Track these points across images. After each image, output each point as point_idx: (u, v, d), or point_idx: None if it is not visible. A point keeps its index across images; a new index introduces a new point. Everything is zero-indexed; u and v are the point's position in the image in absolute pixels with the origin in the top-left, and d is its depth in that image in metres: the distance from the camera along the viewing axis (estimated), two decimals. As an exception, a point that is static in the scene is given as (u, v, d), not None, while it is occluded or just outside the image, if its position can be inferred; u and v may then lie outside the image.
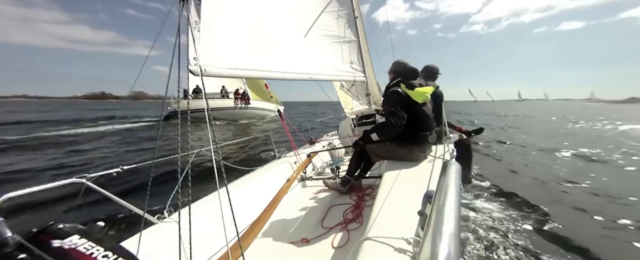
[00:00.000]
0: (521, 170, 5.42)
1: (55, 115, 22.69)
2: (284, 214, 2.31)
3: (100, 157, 6.38)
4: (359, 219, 2.07)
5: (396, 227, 1.15)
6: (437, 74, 3.28)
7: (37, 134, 10.17)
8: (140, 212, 1.45)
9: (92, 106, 64.66)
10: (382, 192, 1.58)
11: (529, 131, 12.34)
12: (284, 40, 2.61)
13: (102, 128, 12.75)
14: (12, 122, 15.88)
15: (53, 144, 8.18)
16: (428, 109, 2.32)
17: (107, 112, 31.70)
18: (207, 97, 5.99)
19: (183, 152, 1.25)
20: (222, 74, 1.81)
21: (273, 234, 2.03)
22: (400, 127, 2.10)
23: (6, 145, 7.68)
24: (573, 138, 9.87)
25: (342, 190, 2.62)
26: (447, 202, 0.68)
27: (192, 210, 1.75)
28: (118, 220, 2.79)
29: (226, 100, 15.57)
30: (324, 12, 3.23)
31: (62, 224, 0.88)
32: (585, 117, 21.44)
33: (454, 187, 0.77)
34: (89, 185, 1.42)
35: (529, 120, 18.61)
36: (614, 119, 18.31)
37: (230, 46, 1.96)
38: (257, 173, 2.73)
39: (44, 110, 35.61)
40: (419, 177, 1.87)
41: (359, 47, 3.76)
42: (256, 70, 2.16)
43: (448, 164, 0.91)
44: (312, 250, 1.78)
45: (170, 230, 1.63)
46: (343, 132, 4.89)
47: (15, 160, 5.85)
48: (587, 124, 15.38)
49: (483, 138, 8.81)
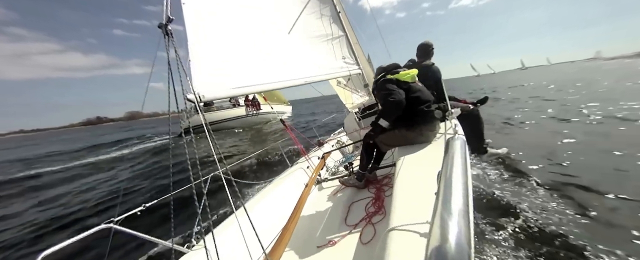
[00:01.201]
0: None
1: (65, 147, 22.38)
2: (306, 221, 2.32)
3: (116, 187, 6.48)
4: (381, 211, 2.07)
5: (418, 212, 1.14)
6: (431, 49, 3.25)
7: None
8: (169, 245, 1.48)
9: (94, 131, 64.47)
10: (399, 180, 1.57)
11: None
12: (273, 50, 2.63)
13: (114, 154, 12.91)
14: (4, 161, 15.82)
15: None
16: (419, 86, 2.34)
17: (113, 135, 31.70)
18: (219, 107, 5.98)
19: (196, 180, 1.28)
20: (220, 96, 1.84)
21: (300, 242, 2.04)
22: (401, 102, 2.10)
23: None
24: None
25: (359, 186, 2.61)
26: (453, 179, 0.67)
27: (218, 233, 1.78)
28: (150, 257, 2.85)
29: (238, 109, 16.10)
30: (306, 14, 3.24)
31: None
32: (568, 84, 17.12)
33: (460, 163, 0.75)
34: (116, 229, 1.46)
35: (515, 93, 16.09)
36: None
37: (222, 68, 1.99)
38: (273, 185, 2.75)
39: (46, 142, 36.02)
40: (431, 157, 1.86)
41: (348, 41, 3.76)
42: (252, 86, 2.19)
43: (451, 141, 0.90)
44: (342, 251, 1.78)
45: (200, 257, 1.66)
46: (349, 128, 4.88)
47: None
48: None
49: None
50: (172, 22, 1.37)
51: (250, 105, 16.43)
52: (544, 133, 5.71)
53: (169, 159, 1.46)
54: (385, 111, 2.23)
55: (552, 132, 5.56)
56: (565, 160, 3.83)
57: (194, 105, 1.50)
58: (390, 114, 2.20)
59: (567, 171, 3.48)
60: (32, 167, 11.53)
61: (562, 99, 10.07)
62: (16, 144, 50.96)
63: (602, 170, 3.38)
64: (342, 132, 5.07)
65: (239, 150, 9.67)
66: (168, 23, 1.35)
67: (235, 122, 15.68)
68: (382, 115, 2.25)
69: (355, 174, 2.67)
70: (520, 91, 16.80)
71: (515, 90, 17.68)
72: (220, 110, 15.63)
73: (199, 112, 1.33)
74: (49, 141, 34.41)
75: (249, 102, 16.48)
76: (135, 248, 3.00)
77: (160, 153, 10.62)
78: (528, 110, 8.82)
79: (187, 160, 1.18)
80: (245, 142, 11.61)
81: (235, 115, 15.80)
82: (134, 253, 2.94)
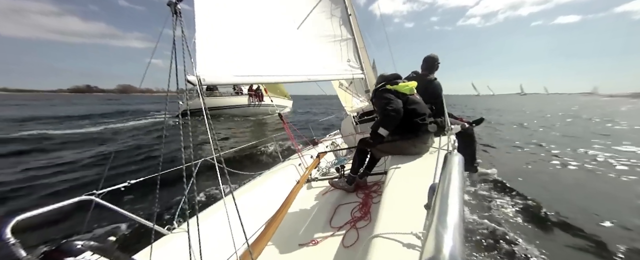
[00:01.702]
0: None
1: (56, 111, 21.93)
2: (292, 217, 2.31)
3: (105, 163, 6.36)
4: (367, 217, 2.07)
5: (404, 222, 1.15)
6: (437, 63, 3.27)
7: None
8: (150, 225, 1.47)
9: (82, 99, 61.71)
10: (388, 188, 1.58)
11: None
12: (280, 43, 2.61)
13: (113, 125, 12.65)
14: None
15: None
16: (417, 98, 2.37)
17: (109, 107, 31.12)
18: (220, 93, 5.94)
19: (187, 163, 1.26)
20: (221, 81, 1.82)
21: (283, 238, 2.04)
22: (399, 112, 2.15)
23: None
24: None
25: (349, 189, 2.62)
26: (450, 193, 0.67)
27: (202, 218, 1.76)
28: (129, 234, 2.81)
29: (241, 98, 16.07)
30: (317, 13, 3.23)
31: (75, 242, 0.89)
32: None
33: (457, 179, 0.76)
34: (98, 202, 1.44)
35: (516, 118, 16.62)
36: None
37: (227, 53, 1.97)
38: (264, 177, 2.74)
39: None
40: (423, 170, 1.87)
41: (355, 45, 3.75)
42: (255, 76, 2.16)
43: (449, 156, 0.91)
44: (323, 251, 1.78)
45: (181, 240, 1.64)
46: (345, 131, 4.89)
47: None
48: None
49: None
50: (182, 1, 1.35)
51: (253, 96, 16.37)
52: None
53: (161, 139, 1.44)
54: (385, 120, 2.24)
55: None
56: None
57: (195, 88, 1.49)
58: (389, 123, 2.22)
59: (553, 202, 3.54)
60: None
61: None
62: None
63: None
64: (337, 134, 5.07)
65: (235, 139, 9.62)
66: (178, 1, 1.33)
67: (236, 110, 15.67)
68: (381, 124, 2.27)
69: (346, 177, 2.67)
70: (525, 117, 16.97)
71: (522, 116, 17.88)
72: (223, 97, 15.66)
73: (200, 95, 1.31)
74: (36, 106, 33.36)
75: (252, 92, 16.40)
76: (115, 225, 2.95)
77: (153, 132, 10.49)
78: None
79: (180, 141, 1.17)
80: (242, 131, 11.60)
81: (237, 104, 15.78)
82: (114, 230, 2.90)
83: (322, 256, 1.74)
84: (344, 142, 4.69)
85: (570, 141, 7.90)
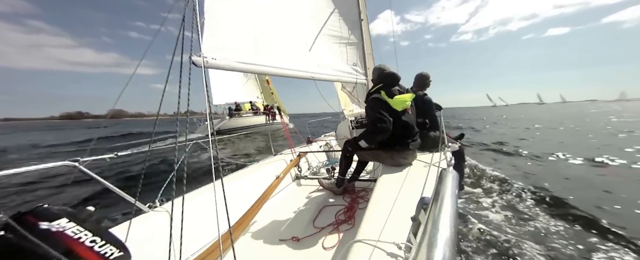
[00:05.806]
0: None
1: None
2: (276, 212, 2.30)
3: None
4: (351, 221, 2.07)
5: (387, 231, 1.15)
6: (428, 81, 3.27)
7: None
8: (132, 200, 1.44)
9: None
10: (375, 196, 1.58)
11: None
12: (287, 37, 2.60)
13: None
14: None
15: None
16: (409, 116, 2.29)
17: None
18: (241, 114, 6.11)
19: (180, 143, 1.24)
20: (225, 66, 1.80)
21: (264, 231, 2.02)
22: (387, 130, 2.12)
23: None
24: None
25: (337, 191, 2.62)
26: (443, 209, 0.68)
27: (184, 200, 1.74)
28: (109, 207, 2.76)
29: (260, 118, 18.58)
30: (329, 11, 3.23)
31: (51, 206, 0.87)
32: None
33: (451, 195, 0.76)
34: (81, 169, 1.40)
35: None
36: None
37: (234, 40, 1.95)
38: (252, 168, 2.73)
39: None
40: (413, 183, 1.87)
41: (362, 49, 3.76)
42: (258, 65, 2.15)
43: (446, 172, 0.91)
44: (302, 249, 1.77)
45: (160, 219, 1.62)
46: (341, 134, 4.88)
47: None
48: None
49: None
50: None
51: (268, 114, 18.57)
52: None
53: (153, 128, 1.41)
54: (370, 134, 2.22)
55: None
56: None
57: (224, 110, 1.46)
58: (374, 139, 2.22)
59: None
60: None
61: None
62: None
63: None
64: (332, 135, 5.07)
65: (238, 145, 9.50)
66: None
67: (256, 129, 17.79)
68: (365, 137, 2.25)
69: (336, 179, 2.67)
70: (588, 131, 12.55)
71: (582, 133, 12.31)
72: (246, 117, 18.09)
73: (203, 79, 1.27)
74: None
75: (268, 110, 18.54)
76: (97, 195, 2.90)
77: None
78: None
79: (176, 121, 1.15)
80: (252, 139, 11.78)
81: (257, 123, 18.21)
82: (94, 199, 2.85)
83: (301, 254, 1.73)
84: (338, 144, 4.69)
85: None
